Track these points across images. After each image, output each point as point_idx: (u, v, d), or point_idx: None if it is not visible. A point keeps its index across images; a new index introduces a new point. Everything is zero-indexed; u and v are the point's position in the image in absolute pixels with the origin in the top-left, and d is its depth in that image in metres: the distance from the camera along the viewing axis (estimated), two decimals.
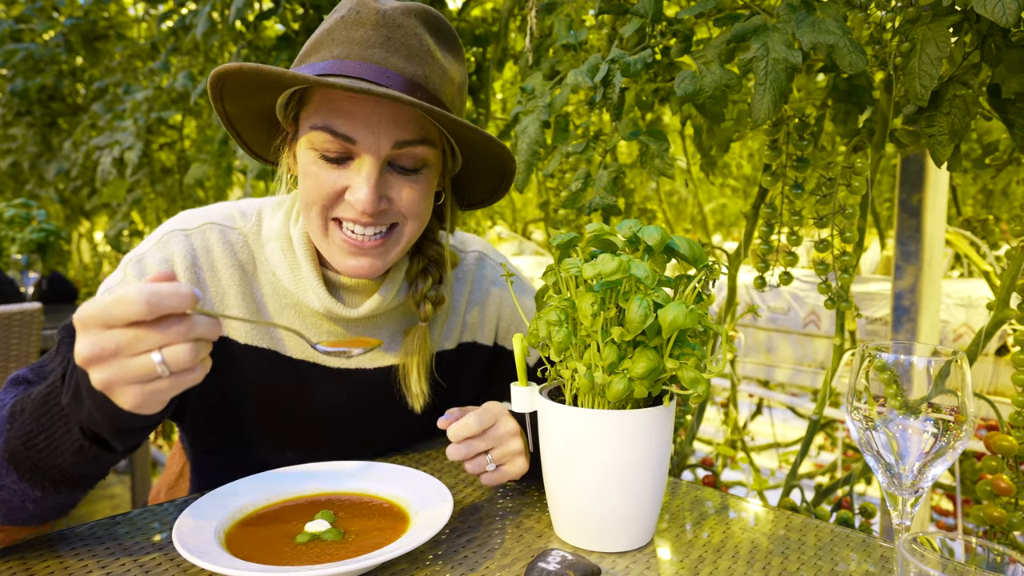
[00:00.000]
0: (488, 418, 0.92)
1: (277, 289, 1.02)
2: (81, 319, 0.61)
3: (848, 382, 0.71)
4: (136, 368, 0.62)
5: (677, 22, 1.16)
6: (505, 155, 0.97)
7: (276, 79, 0.85)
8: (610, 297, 0.77)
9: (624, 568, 0.78)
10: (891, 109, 1.15)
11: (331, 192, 0.90)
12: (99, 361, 0.61)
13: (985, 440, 1.07)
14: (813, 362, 3.37)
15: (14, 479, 0.72)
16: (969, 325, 2.86)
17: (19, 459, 0.71)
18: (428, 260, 1.06)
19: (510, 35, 1.93)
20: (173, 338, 0.62)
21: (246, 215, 1.04)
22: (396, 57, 0.88)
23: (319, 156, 0.90)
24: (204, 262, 0.98)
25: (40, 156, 4.10)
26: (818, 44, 0.94)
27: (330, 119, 0.88)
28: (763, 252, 1.25)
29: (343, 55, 0.87)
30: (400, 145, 0.89)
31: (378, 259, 0.94)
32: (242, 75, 0.86)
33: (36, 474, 0.72)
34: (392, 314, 1.07)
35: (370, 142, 0.88)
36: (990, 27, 0.96)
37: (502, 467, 0.92)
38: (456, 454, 0.91)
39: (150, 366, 0.62)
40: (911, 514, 0.70)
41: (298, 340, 1.03)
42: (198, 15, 2.25)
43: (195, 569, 0.75)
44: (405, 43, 0.89)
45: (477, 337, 1.16)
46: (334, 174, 0.90)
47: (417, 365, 1.03)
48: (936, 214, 1.58)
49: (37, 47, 3.61)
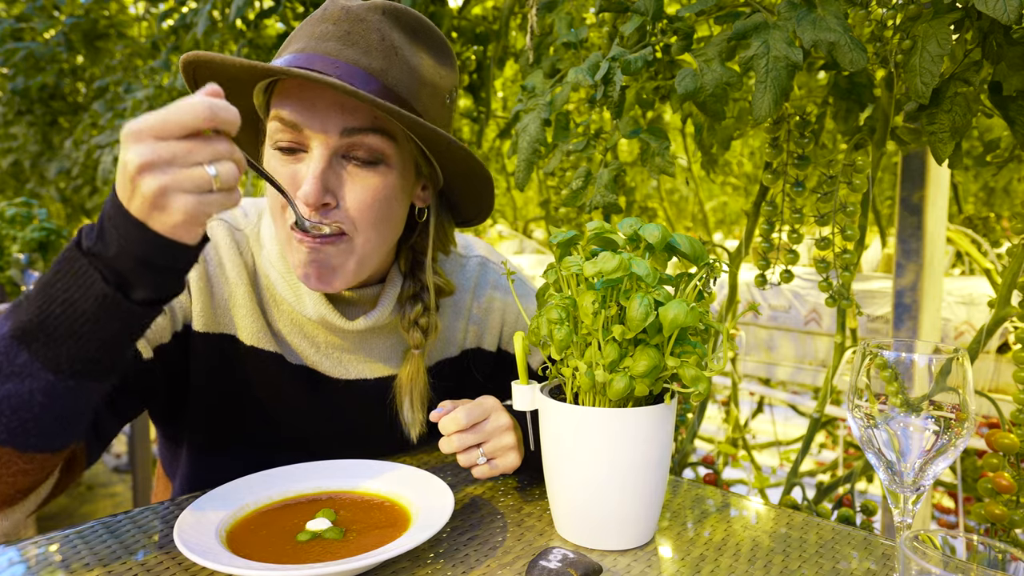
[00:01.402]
0: (479, 412, 0.92)
1: (274, 296, 1.01)
2: (134, 131, 0.61)
3: (849, 380, 0.71)
4: (192, 177, 0.62)
5: (678, 20, 1.16)
6: (478, 169, 0.93)
7: (219, 66, 0.85)
8: (611, 295, 0.77)
9: (625, 566, 0.78)
10: (892, 107, 1.15)
11: (287, 188, 0.86)
12: (154, 168, 0.61)
13: (986, 438, 1.07)
14: (814, 360, 3.37)
15: (24, 360, 0.66)
16: (970, 323, 2.85)
17: (32, 334, 0.66)
18: (421, 286, 1.02)
19: (511, 33, 1.93)
20: (222, 154, 0.63)
21: (248, 216, 1.03)
22: (352, 50, 0.86)
23: (274, 148, 0.89)
24: (213, 257, 0.98)
25: (41, 155, 4.10)
26: (819, 42, 0.94)
27: (281, 108, 0.87)
28: (764, 250, 1.25)
29: (300, 49, 0.87)
30: (349, 132, 0.86)
31: (327, 269, 0.89)
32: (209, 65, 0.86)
33: (50, 347, 0.66)
34: (390, 328, 1.06)
35: (317, 128, 0.85)
36: (991, 24, 0.96)
37: (493, 461, 0.92)
38: (447, 447, 0.91)
39: (204, 176, 0.62)
40: (913, 512, 0.70)
41: (302, 346, 1.02)
42: (199, 14, 2.25)
43: (197, 567, 0.75)
44: (364, 37, 0.87)
45: (482, 343, 1.16)
46: (289, 168, 0.88)
47: (411, 394, 1.02)
48: (937, 212, 1.58)
49: (38, 46, 3.61)
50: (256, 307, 1.00)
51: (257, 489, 0.90)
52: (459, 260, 1.15)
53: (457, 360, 1.13)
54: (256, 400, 1.02)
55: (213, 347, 0.98)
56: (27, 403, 0.68)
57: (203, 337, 0.97)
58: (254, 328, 1.00)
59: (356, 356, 1.05)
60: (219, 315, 0.98)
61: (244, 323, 0.99)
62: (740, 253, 1.42)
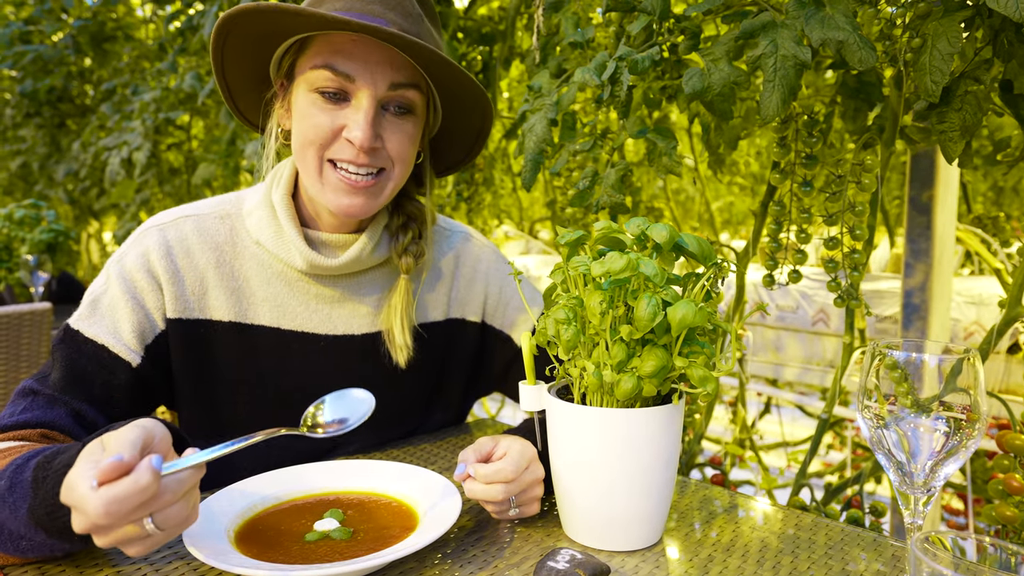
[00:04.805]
0: (523, 464, 0.85)
1: (261, 261, 1.05)
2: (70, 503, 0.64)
3: (859, 380, 0.71)
4: (130, 534, 0.65)
5: (685, 19, 1.15)
6: (486, 107, 1.06)
7: (292, 18, 0.90)
8: (619, 295, 0.77)
9: (633, 567, 0.78)
10: (901, 105, 1.14)
11: (329, 131, 0.96)
12: (95, 532, 0.65)
13: (997, 439, 1.06)
14: (822, 360, 3.36)
15: (43, 538, 0.72)
16: (980, 323, 2.84)
17: (45, 524, 0.71)
18: (407, 216, 1.11)
19: (517, 33, 1.93)
20: (161, 506, 0.65)
21: (224, 201, 1.09)
22: (393, 13, 0.97)
23: (319, 95, 0.96)
24: (179, 250, 1.02)
25: (49, 157, 4.12)
26: (827, 40, 0.94)
27: (332, 59, 0.94)
28: (772, 250, 1.25)
29: (345, 8, 0.95)
30: (395, 87, 0.96)
31: (370, 199, 1.00)
32: (257, 16, 0.91)
33: (64, 534, 0.71)
34: (376, 277, 1.10)
35: (368, 80, 0.95)
36: (1002, 22, 0.96)
37: (520, 508, 0.87)
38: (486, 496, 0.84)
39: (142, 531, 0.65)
40: (923, 513, 0.70)
41: (283, 311, 1.06)
42: (205, 15, 2.26)
43: (206, 567, 0.75)
44: (401, 4, 0.99)
45: (465, 313, 1.19)
46: (332, 114, 0.96)
47: (400, 316, 1.07)
48: (946, 211, 1.57)
49: (46, 49, 3.64)
50: (232, 283, 1.04)
51: (265, 489, 0.90)
52: (444, 232, 1.21)
53: (442, 326, 1.17)
54: (243, 375, 1.05)
55: (191, 333, 1.02)
56: (50, 554, 0.75)
57: (180, 323, 1.01)
58: (229, 304, 1.03)
59: (344, 309, 1.08)
60: (192, 302, 1.02)
61: (218, 304, 1.03)
62: (748, 253, 1.41)
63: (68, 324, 0.97)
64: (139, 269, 0.99)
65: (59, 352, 0.95)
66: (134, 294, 0.99)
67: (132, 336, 0.97)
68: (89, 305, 0.98)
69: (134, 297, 0.98)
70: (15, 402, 0.91)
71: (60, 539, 0.72)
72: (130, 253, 1.01)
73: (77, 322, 0.97)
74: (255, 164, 2.28)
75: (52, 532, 0.71)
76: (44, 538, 0.72)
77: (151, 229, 1.03)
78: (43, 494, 0.70)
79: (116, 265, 1.00)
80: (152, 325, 1.00)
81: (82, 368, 0.94)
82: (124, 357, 0.96)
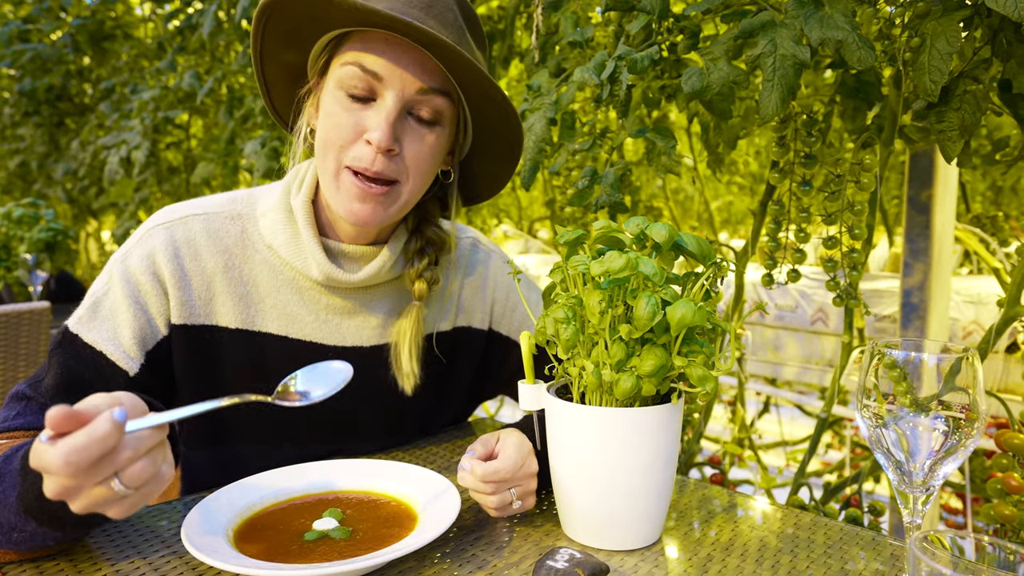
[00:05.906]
0: (519, 460, 0.87)
1: (272, 266, 1.02)
2: (38, 466, 0.63)
3: (858, 380, 0.71)
4: (101, 495, 0.64)
5: (684, 18, 1.16)
6: (517, 130, 1.01)
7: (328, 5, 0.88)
8: (618, 294, 0.77)
9: (632, 566, 0.78)
10: (900, 105, 1.14)
11: (350, 131, 0.93)
12: (67, 496, 0.64)
13: (995, 438, 1.06)
14: (821, 360, 3.36)
15: (34, 527, 0.72)
16: (979, 322, 2.84)
17: (35, 511, 0.71)
18: (426, 241, 1.08)
19: (516, 33, 1.93)
20: (123, 464, 0.63)
21: (236, 199, 1.05)
22: (434, 21, 0.93)
23: (345, 94, 0.93)
24: (186, 252, 0.99)
25: (48, 156, 4.12)
26: (826, 40, 0.94)
27: (362, 57, 0.92)
28: (771, 249, 1.25)
29: (388, 7, 0.90)
30: (423, 91, 0.93)
31: (380, 207, 0.96)
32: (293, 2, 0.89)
33: (55, 521, 0.71)
34: (389, 291, 1.08)
35: (395, 81, 0.92)
36: (1001, 21, 0.96)
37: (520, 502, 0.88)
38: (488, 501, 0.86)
39: (111, 492, 0.64)
40: (922, 512, 0.70)
41: (292, 320, 1.04)
42: (204, 14, 2.26)
43: (204, 566, 0.75)
44: (443, 13, 0.95)
45: (472, 322, 1.17)
46: (356, 114, 0.93)
47: (409, 344, 1.05)
48: (945, 211, 1.57)
49: (45, 47, 3.63)
50: (240, 290, 1.01)
51: (263, 488, 0.90)
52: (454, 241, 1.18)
53: (449, 336, 1.15)
54: (247, 383, 1.02)
55: (196, 339, 1.00)
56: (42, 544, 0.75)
57: (184, 329, 0.99)
58: (236, 310, 1.01)
59: (354, 321, 1.06)
60: (199, 307, 1.00)
61: (225, 309, 1.00)
62: (747, 252, 1.41)
63: (67, 327, 0.94)
64: (144, 271, 0.96)
65: (56, 356, 0.92)
66: (137, 298, 0.95)
67: (132, 342, 0.94)
68: (90, 308, 0.95)
69: (137, 301, 0.95)
70: (8, 406, 0.90)
71: (51, 527, 0.72)
72: (135, 253, 0.97)
73: (76, 325, 0.94)
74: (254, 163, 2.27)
75: (42, 519, 0.71)
76: (35, 527, 0.71)
77: (157, 228, 0.98)
78: (31, 479, 0.70)
79: (119, 265, 0.96)
80: (154, 331, 0.96)
81: (78, 375, 0.91)
82: (122, 366, 0.93)
